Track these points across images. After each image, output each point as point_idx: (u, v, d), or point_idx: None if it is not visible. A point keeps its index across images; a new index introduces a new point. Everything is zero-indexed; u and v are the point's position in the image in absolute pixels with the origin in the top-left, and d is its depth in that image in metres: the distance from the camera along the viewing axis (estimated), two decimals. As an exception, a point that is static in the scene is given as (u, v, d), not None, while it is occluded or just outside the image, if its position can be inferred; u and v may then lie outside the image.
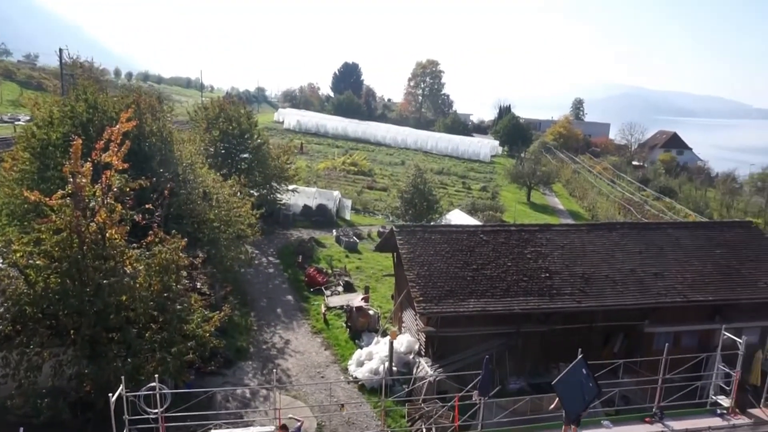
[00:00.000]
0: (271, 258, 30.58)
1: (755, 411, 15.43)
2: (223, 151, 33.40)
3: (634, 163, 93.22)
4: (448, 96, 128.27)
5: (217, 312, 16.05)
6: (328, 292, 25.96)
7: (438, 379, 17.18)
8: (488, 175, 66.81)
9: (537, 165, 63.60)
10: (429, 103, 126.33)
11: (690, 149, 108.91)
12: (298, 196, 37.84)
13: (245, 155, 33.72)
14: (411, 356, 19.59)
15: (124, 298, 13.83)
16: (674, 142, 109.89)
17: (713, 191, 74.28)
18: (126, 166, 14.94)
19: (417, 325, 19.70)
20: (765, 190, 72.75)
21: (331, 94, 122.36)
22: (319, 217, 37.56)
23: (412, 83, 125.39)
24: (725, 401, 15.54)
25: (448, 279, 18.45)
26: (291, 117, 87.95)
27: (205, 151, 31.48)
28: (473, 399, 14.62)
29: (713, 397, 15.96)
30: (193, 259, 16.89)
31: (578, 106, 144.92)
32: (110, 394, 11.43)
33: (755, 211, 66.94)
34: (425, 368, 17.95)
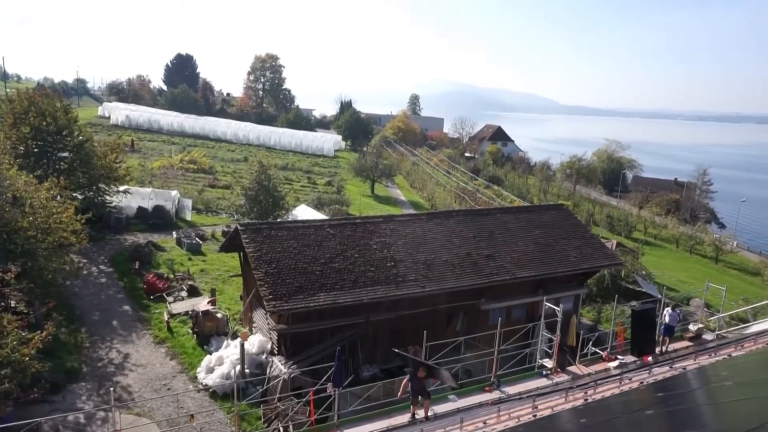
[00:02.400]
0: (102, 267, 27.84)
1: (573, 368, 17.68)
2: (36, 150, 29.55)
3: (467, 154, 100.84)
4: (289, 91, 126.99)
5: (39, 332, 14.22)
6: (170, 299, 24.37)
7: (292, 376, 17.07)
8: (333, 170, 67.61)
9: (379, 158, 65.81)
10: (270, 98, 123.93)
11: (512, 141, 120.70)
12: (132, 198, 34.88)
13: (64, 154, 30.17)
14: (264, 356, 19.20)
15: None
16: (499, 135, 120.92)
17: (532, 178, 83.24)
18: None
19: (268, 323, 19.35)
20: (572, 176, 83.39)
21: (164, 88, 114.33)
22: (157, 219, 35.02)
23: (251, 77, 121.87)
24: (549, 363, 17.57)
25: (297, 275, 18.38)
26: (119, 112, 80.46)
27: (13, 150, 27.58)
28: (328, 391, 14.77)
29: (539, 360, 17.96)
30: (4, 275, 14.74)
31: (415, 101, 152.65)
32: None
33: (566, 194, 76.57)
34: (279, 367, 17.72)
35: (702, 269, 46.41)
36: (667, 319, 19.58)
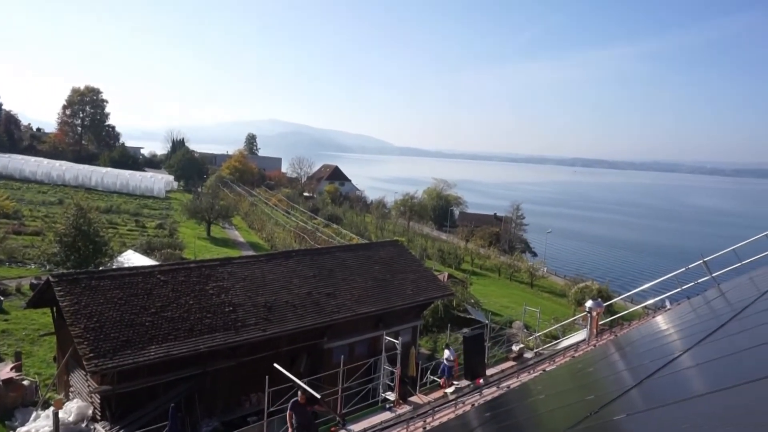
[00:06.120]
0: None
1: (414, 398, 18.35)
2: None
3: (305, 194, 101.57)
4: (113, 128, 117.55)
5: None
6: (-40, 369, 20.57)
7: (119, 442, 15.33)
8: (164, 212, 63.57)
9: (215, 199, 63.44)
10: (91, 134, 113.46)
11: (350, 181, 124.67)
12: None
13: None
14: (84, 424, 16.96)
15: None
16: (337, 174, 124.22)
17: (370, 216, 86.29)
18: None
19: (89, 386, 17.24)
20: (406, 213, 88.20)
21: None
22: (-58, 275, 29.65)
23: (68, 112, 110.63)
24: (392, 396, 18.04)
25: (124, 328, 16.74)
26: None
27: None
28: (161, 454, 13.52)
29: (382, 394, 18.37)
30: None
31: (252, 141, 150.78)
32: None
33: (401, 230, 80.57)
34: (102, 434, 15.80)
35: (521, 294, 51.59)
36: (445, 359, 20.18)
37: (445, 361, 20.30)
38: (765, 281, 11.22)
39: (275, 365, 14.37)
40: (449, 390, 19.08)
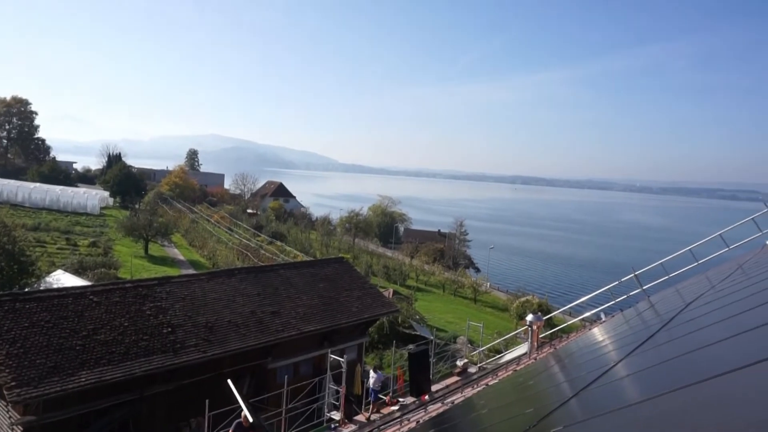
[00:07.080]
0: None
1: (359, 417, 18.17)
2: None
3: (249, 211, 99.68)
4: (43, 141, 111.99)
5: None
6: None
7: (44, 475, 14.36)
8: (98, 229, 60.84)
9: (153, 216, 61.29)
10: (18, 147, 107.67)
11: (294, 197, 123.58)
12: None
13: None
14: (4, 458, 15.82)
15: None
16: (281, 191, 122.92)
17: (315, 233, 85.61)
18: None
19: (10, 417, 16.10)
20: (351, 230, 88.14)
21: None
22: None
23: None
24: (337, 415, 17.80)
25: (51, 353, 15.80)
26: None
27: None
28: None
29: (327, 414, 18.10)
30: None
31: (193, 156, 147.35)
32: None
33: (346, 247, 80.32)
34: (26, 467, 14.76)
35: (465, 309, 52.31)
36: (371, 383, 19.91)
37: (371, 384, 19.94)
38: (690, 293, 11.88)
39: (228, 381, 13.94)
40: (395, 408, 19.02)
